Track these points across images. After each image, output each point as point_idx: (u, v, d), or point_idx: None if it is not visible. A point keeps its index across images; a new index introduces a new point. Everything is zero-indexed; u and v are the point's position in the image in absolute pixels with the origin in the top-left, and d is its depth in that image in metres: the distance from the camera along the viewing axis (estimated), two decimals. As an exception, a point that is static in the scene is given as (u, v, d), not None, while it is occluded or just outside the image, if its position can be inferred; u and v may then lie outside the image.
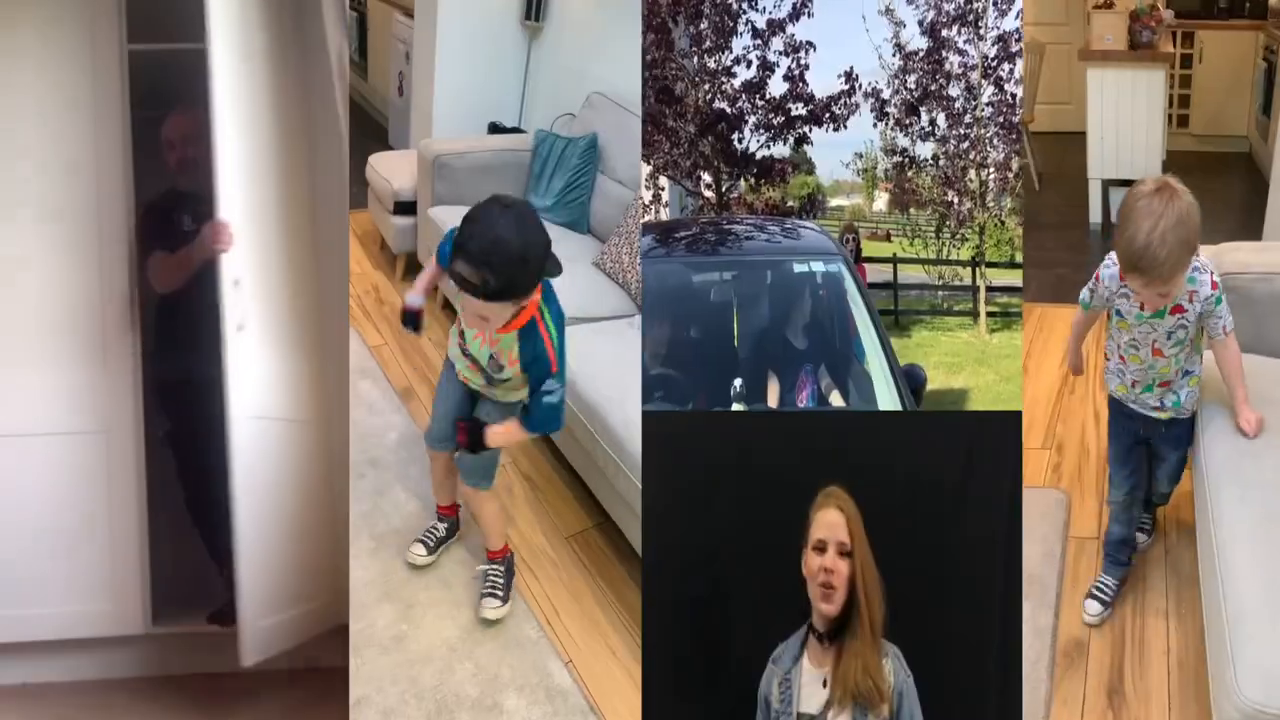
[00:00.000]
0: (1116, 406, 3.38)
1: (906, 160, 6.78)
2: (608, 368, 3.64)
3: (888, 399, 2.76)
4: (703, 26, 6.37)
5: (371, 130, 8.56)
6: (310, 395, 3.58)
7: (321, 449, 3.59)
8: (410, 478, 3.98)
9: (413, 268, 5.64)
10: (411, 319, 3.38)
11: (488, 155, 5.54)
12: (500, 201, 2.81)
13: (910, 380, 2.80)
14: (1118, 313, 3.17)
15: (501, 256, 2.70)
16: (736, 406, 2.70)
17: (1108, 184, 7.00)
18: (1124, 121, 6.83)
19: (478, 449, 3.17)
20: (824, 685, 2.21)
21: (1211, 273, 3.06)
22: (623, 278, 4.59)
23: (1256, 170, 7.40)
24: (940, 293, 6.93)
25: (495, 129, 6.30)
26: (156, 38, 3.53)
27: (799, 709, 2.22)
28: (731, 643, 2.51)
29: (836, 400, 2.81)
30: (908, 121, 6.63)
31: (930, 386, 4.79)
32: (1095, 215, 7.07)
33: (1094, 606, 3.42)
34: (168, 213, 3.57)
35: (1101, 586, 3.45)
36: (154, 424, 3.61)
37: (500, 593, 3.41)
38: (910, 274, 6.99)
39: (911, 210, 7.14)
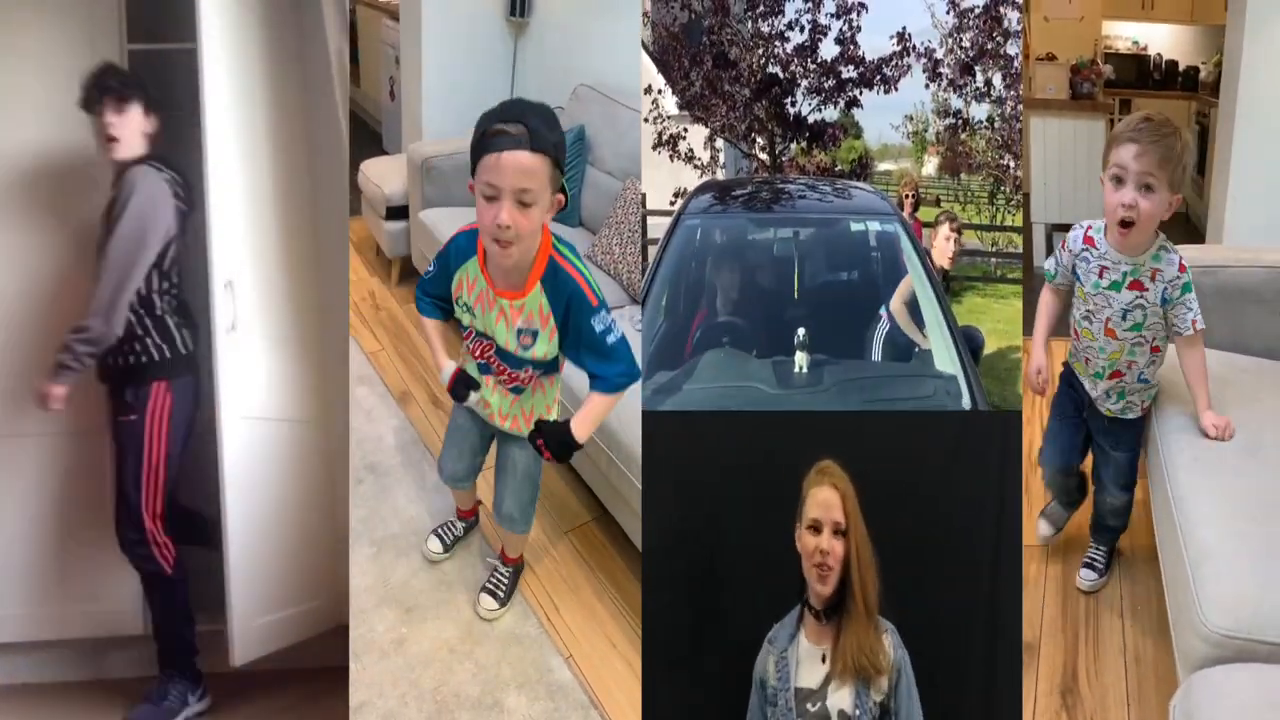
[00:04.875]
0: (1067, 376, 3.38)
1: (960, 122, 6.76)
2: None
3: (946, 360, 2.79)
4: None
5: (366, 136, 8.54)
6: (308, 396, 3.59)
7: (319, 449, 3.59)
8: (408, 483, 3.96)
9: (407, 272, 5.63)
10: (460, 386, 3.09)
11: (477, 155, 5.44)
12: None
13: (969, 343, 2.83)
14: (1076, 276, 3.14)
15: (536, 111, 2.64)
16: (799, 355, 2.75)
17: (1051, 229, 7.12)
18: (1066, 168, 6.97)
19: (571, 451, 2.89)
20: (823, 661, 2.24)
21: (1180, 259, 3.04)
22: (614, 269, 4.58)
23: (1193, 227, 7.50)
24: (993, 259, 6.88)
25: (484, 127, 6.27)
26: (156, 38, 3.54)
27: (797, 684, 2.24)
28: (729, 621, 2.57)
29: (924, 343, 2.90)
30: (962, 82, 6.61)
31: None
32: (1039, 259, 7.12)
33: (1046, 527, 3.58)
34: None
35: (1051, 511, 3.57)
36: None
37: (501, 592, 3.39)
38: (966, 240, 6.94)
39: (963, 175, 7.11)
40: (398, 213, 5.62)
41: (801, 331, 2.75)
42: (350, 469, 3.94)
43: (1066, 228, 6.68)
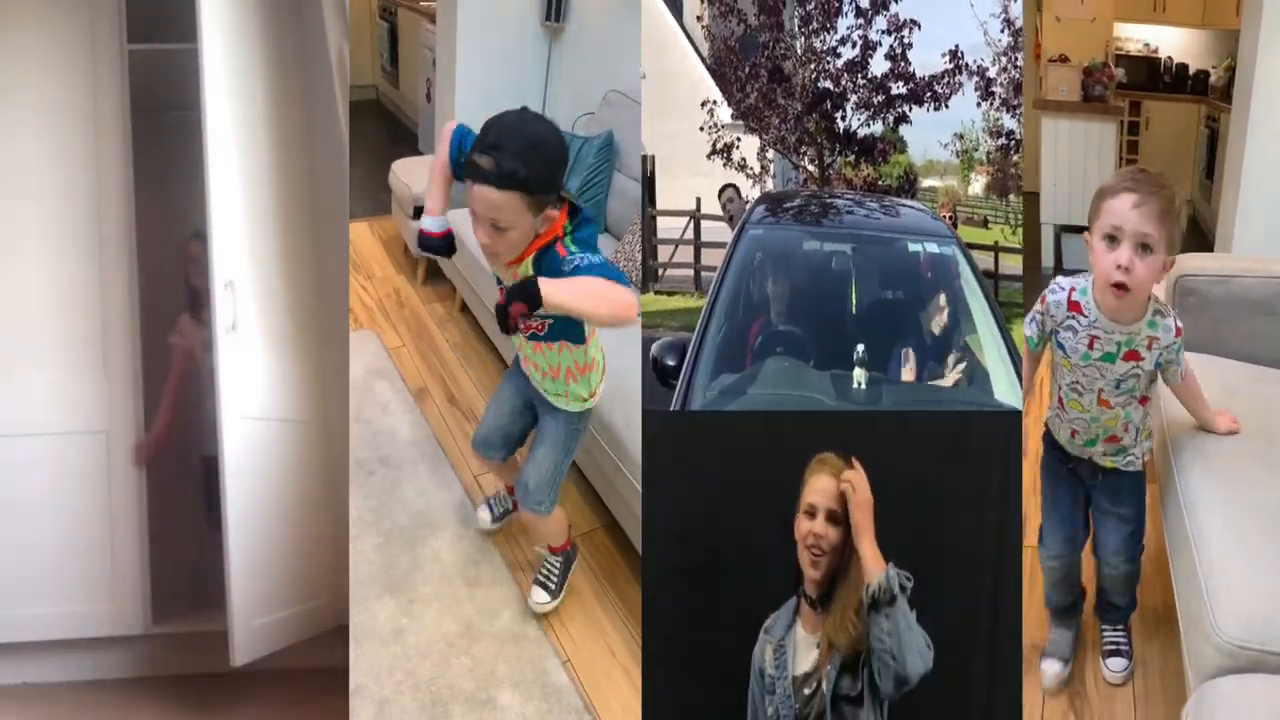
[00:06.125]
0: (1052, 449, 3.02)
1: (1012, 143, 6.71)
2: (609, 366, 3.60)
3: (1005, 388, 2.75)
4: (810, 8, 6.42)
5: (404, 137, 8.62)
6: (308, 396, 3.59)
7: (319, 450, 3.59)
8: (419, 477, 3.99)
9: (433, 271, 5.69)
10: (431, 242, 3.05)
11: (502, 157, 5.39)
12: (519, 109, 2.76)
13: None
14: (1059, 347, 2.78)
15: (514, 140, 2.63)
16: (858, 371, 2.73)
17: (1060, 230, 7.03)
18: (1076, 170, 6.86)
19: (530, 301, 2.55)
20: (817, 649, 2.22)
21: (1176, 318, 2.75)
22: (635, 276, 4.57)
23: (1200, 232, 7.47)
24: None
25: (515, 131, 6.27)
26: (156, 38, 3.55)
27: (794, 672, 2.22)
28: (727, 613, 2.54)
29: (953, 378, 2.85)
30: (1016, 102, 6.59)
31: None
32: (1048, 260, 7.07)
33: (1053, 666, 3.12)
34: None
35: (1057, 643, 3.17)
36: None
37: (552, 585, 3.39)
38: (1013, 265, 6.84)
39: (1012, 196, 7.04)
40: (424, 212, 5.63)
41: (861, 348, 2.75)
42: (359, 462, 3.99)
43: (1076, 229, 6.74)
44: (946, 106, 6.62)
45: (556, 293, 2.57)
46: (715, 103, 7.05)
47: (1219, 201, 4.74)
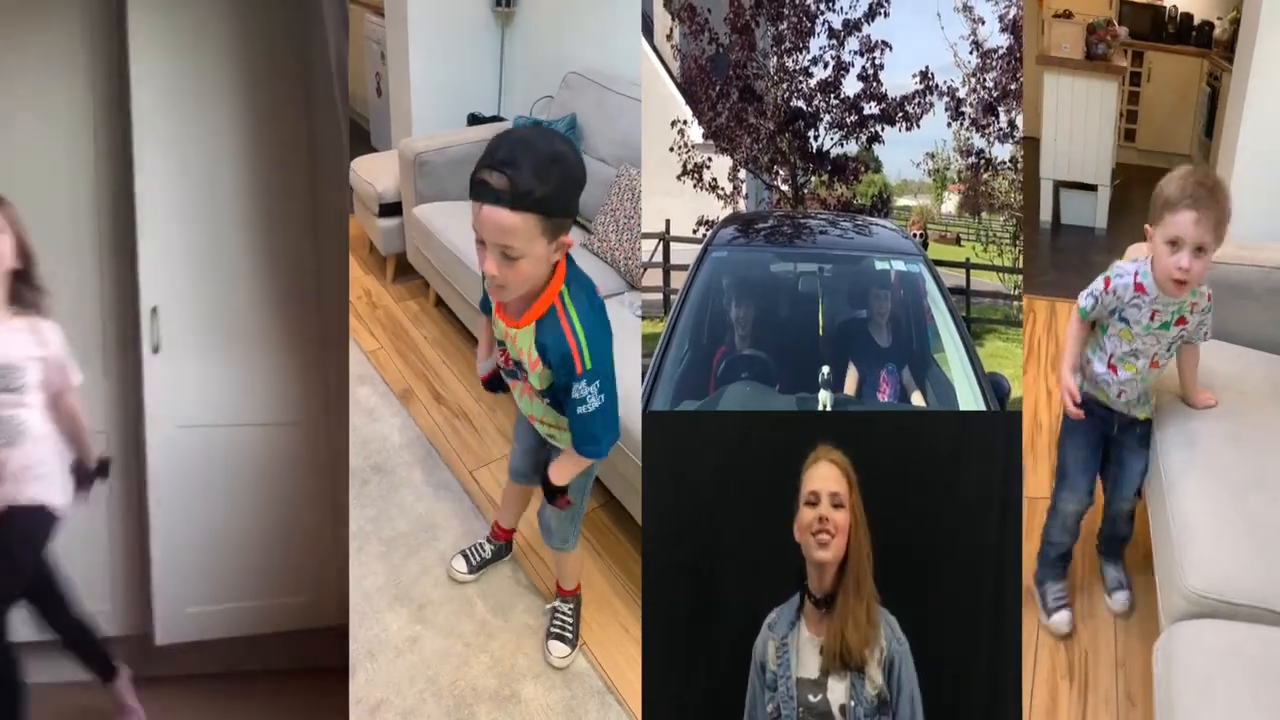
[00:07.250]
0: (1086, 402, 3.28)
1: (982, 162, 6.82)
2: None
3: (970, 403, 2.75)
4: (782, 28, 6.47)
5: (356, 134, 8.55)
6: (302, 397, 3.58)
7: (308, 451, 3.59)
8: (415, 480, 4.00)
9: (403, 269, 5.66)
10: (491, 384, 3.07)
11: (467, 148, 5.31)
12: (531, 124, 2.67)
13: (995, 390, 2.77)
14: (1122, 320, 3.16)
15: (529, 155, 2.35)
16: (823, 393, 2.70)
17: (1059, 185, 7.16)
18: (1077, 127, 6.99)
19: (553, 493, 2.88)
20: (821, 652, 2.21)
21: (1208, 290, 3.17)
22: (611, 256, 4.57)
23: None
24: (1015, 303, 6.86)
25: (475, 120, 6.26)
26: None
27: (798, 674, 2.21)
28: (728, 609, 2.52)
29: (917, 400, 2.85)
30: (985, 122, 6.70)
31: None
32: (1045, 214, 7.19)
33: (1065, 615, 3.44)
34: None
35: (1059, 596, 3.47)
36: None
37: (569, 634, 3.28)
38: (984, 281, 6.92)
39: (984, 214, 7.15)
40: (391, 209, 5.60)
41: (826, 370, 2.71)
42: (353, 472, 3.98)
43: (1074, 185, 6.81)
44: (918, 126, 6.75)
45: (562, 477, 2.86)
46: (685, 122, 7.11)
47: (1216, 162, 4.78)
